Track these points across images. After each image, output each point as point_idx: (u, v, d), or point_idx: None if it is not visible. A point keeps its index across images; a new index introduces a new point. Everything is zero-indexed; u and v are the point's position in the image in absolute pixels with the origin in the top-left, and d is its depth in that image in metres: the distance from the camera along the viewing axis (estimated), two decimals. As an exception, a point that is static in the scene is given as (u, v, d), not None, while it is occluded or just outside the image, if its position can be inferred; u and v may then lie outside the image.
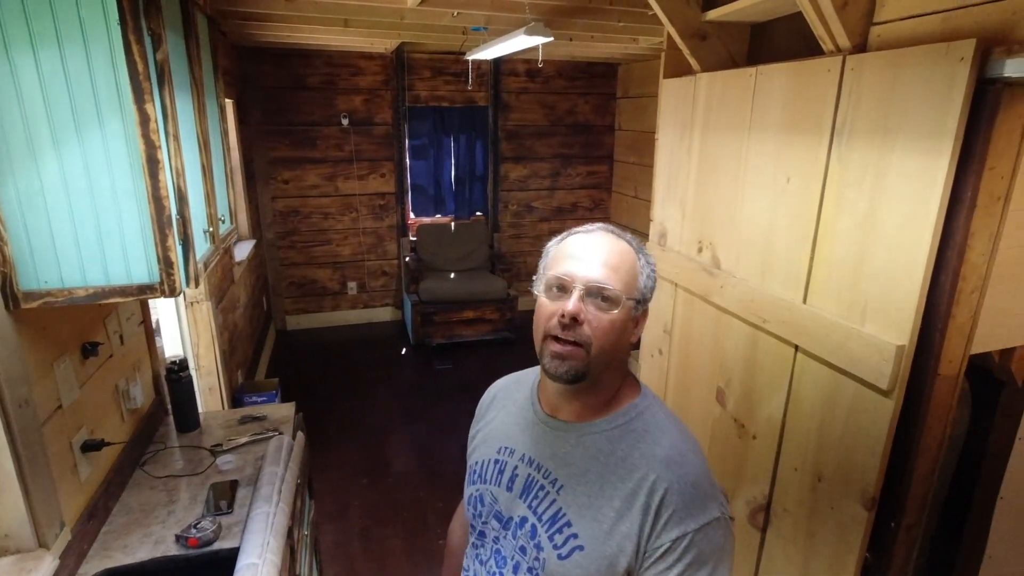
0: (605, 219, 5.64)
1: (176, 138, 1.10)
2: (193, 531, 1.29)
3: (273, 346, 4.65)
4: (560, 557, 0.79)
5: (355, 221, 4.94)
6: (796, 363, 1.42)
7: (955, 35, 1.07)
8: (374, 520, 2.67)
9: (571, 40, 3.68)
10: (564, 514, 0.81)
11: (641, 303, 0.83)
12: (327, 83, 4.58)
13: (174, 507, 1.41)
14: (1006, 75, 0.99)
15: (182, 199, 1.12)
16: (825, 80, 1.28)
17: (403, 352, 4.56)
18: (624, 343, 0.83)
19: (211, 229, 1.33)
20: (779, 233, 1.46)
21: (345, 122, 4.67)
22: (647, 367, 2.16)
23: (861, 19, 1.25)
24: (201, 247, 1.23)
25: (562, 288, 0.80)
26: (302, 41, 3.87)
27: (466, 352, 4.55)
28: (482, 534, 0.92)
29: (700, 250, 1.79)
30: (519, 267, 5.51)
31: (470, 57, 3.60)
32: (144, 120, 1.01)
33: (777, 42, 1.73)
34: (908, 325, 1.13)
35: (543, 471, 0.85)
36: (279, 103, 4.52)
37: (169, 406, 1.77)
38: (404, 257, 4.94)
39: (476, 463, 0.95)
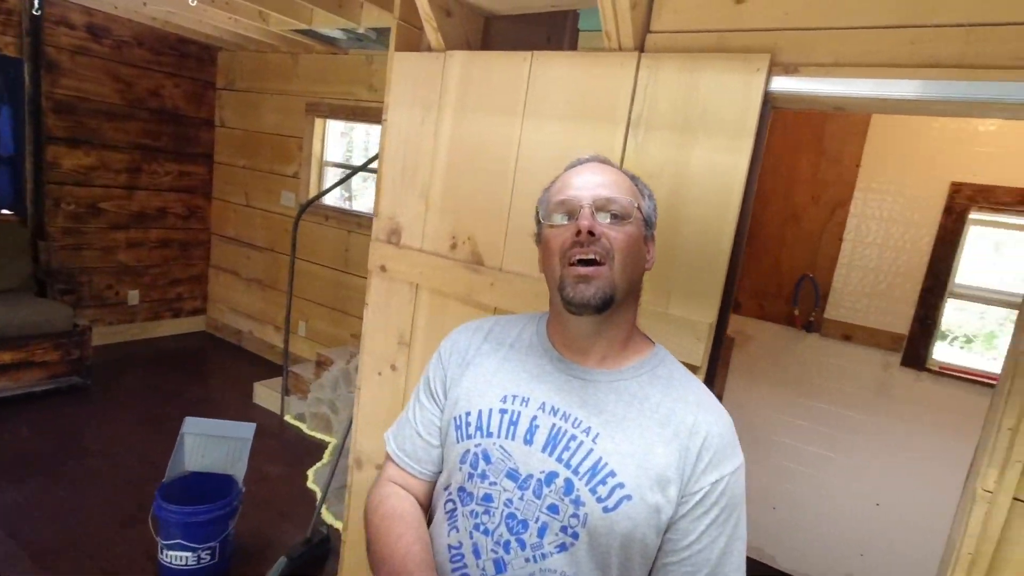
0: (205, 230, 4.70)
1: None
2: None
3: None
4: (606, 510, 0.74)
5: None
6: (590, 355, 1.41)
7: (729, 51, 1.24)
8: None
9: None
10: (605, 464, 0.75)
11: (648, 226, 0.84)
12: None
13: None
14: (775, 90, 1.20)
15: None
16: (619, 73, 1.32)
17: None
18: (641, 265, 0.81)
19: None
20: (565, 224, 1.42)
21: None
22: (370, 388, 1.82)
23: (642, 24, 1.33)
24: None
25: (570, 214, 0.78)
26: None
27: (10, 412, 3.00)
28: (487, 498, 0.79)
29: (454, 246, 1.61)
30: (86, 287, 4.02)
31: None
32: None
33: (500, 40, 1.73)
34: (715, 305, 1.25)
35: (572, 420, 0.79)
36: None
37: None
38: None
39: (468, 414, 0.83)
